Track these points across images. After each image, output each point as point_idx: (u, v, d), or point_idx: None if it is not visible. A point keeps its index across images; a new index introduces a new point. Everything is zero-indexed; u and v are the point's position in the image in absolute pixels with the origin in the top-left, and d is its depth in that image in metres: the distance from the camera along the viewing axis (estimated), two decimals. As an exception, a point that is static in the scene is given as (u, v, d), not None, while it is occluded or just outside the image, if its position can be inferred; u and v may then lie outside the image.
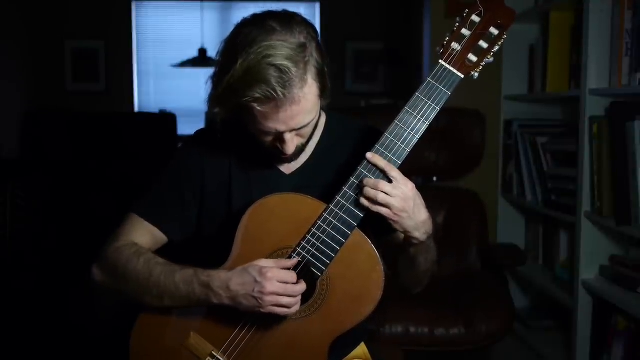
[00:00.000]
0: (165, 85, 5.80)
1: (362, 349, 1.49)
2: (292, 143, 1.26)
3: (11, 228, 2.77)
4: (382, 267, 1.26)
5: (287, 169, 1.39)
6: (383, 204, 1.20)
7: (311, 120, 1.25)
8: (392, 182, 1.21)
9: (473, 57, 1.24)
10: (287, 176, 1.39)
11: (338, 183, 1.25)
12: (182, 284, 1.26)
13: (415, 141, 1.24)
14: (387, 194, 1.20)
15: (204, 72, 4.96)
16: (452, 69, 1.24)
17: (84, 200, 4.19)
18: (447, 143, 2.73)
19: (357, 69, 5.68)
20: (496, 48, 1.25)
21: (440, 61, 1.24)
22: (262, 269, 1.21)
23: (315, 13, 5.69)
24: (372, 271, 1.26)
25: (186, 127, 5.21)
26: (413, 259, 1.33)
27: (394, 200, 1.20)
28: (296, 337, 1.29)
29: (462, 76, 1.24)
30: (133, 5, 5.68)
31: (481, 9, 1.23)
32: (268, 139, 1.27)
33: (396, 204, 1.20)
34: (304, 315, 1.28)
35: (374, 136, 1.27)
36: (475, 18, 1.24)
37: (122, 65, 5.67)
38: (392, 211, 1.21)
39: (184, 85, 5.70)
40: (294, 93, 1.17)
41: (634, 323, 2.21)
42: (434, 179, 2.88)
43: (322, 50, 1.23)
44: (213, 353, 1.31)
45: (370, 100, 5.05)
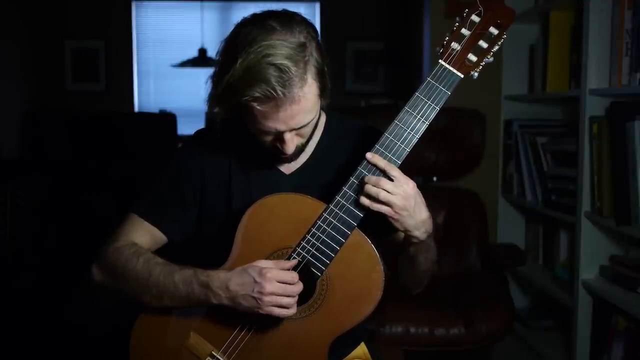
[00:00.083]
0: (165, 85, 5.79)
1: (362, 349, 1.49)
2: (292, 143, 1.26)
3: (11, 228, 2.77)
4: (382, 267, 1.26)
5: (287, 168, 1.39)
6: (384, 202, 1.20)
7: (311, 120, 1.25)
8: (392, 181, 1.21)
9: (473, 57, 1.24)
10: (287, 176, 1.39)
11: (338, 183, 1.25)
12: (182, 284, 1.26)
13: (415, 141, 1.24)
14: (388, 191, 1.20)
15: (204, 72, 4.95)
16: (452, 68, 1.24)
17: (84, 200, 4.19)
18: (447, 143, 2.73)
19: (357, 69, 5.68)
20: (496, 48, 1.25)
21: (440, 61, 1.24)
22: (261, 269, 1.21)
23: (315, 13, 5.68)
24: (372, 271, 1.26)
25: (186, 127, 5.20)
26: (413, 258, 1.33)
27: (396, 198, 1.20)
28: (296, 337, 1.29)
29: (462, 76, 1.24)
30: (133, 5, 5.68)
31: (481, 8, 1.23)
32: (268, 138, 1.27)
33: (397, 202, 1.20)
34: (303, 315, 1.28)
35: (374, 136, 1.27)
36: (475, 18, 1.24)
37: (122, 65, 5.67)
38: (393, 209, 1.20)
39: (184, 85, 5.69)
40: (294, 92, 1.17)
41: (634, 323, 2.21)
42: (434, 178, 2.88)
43: (322, 50, 1.23)
44: (213, 353, 1.30)
45: (370, 100, 5.05)
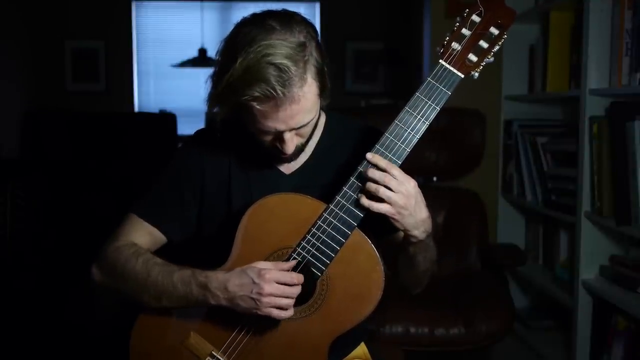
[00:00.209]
0: (165, 85, 5.79)
1: (362, 349, 1.49)
2: (292, 142, 1.26)
3: (11, 228, 2.77)
4: (382, 267, 1.26)
5: (286, 168, 1.39)
6: (385, 200, 1.20)
7: (311, 120, 1.25)
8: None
9: (473, 57, 1.24)
10: (287, 176, 1.38)
11: (338, 183, 1.25)
12: (180, 284, 1.26)
13: (415, 141, 1.24)
14: (391, 189, 1.20)
15: (204, 72, 4.94)
16: (452, 68, 1.23)
17: (84, 200, 4.19)
18: (447, 143, 2.73)
19: (357, 69, 5.68)
20: (496, 48, 1.25)
21: (441, 61, 1.24)
22: (260, 270, 1.21)
23: (315, 13, 5.68)
24: (372, 271, 1.26)
25: (186, 127, 5.20)
26: (412, 258, 1.33)
27: (397, 197, 1.20)
28: (296, 337, 1.29)
29: (462, 76, 1.24)
30: (133, 5, 5.68)
31: (481, 8, 1.23)
32: (267, 138, 1.27)
33: (399, 201, 1.20)
34: (303, 315, 1.28)
35: (374, 136, 1.27)
36: (476, 18, 1.24)
37: (122, 65, 5.67)
38: (394, 208, 1.20)
39: (184, 85, 5.69)
40: (294, 92, 1.17)
41: (634, 323, 2.21)
42: (434, 178, 2.88)
43: (321, 50, 1.23)
44: (213, 353, 1.30)
45: (370, 100, 5.05)
